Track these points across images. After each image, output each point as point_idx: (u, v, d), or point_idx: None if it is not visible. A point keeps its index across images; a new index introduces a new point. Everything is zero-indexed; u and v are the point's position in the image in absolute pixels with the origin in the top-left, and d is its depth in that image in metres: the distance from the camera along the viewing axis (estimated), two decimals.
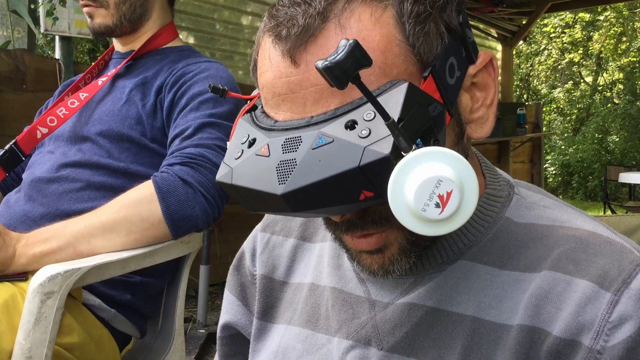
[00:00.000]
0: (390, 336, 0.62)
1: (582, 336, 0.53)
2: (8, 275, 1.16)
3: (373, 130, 0.47)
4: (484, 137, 0.59)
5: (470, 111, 0.58)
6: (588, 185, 10.98)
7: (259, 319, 0.75)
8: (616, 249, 0.56)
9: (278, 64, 0.53)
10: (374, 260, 0.59)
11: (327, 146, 0.48)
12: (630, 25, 12.34)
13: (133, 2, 1.43)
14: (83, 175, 1.32)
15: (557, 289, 0.55)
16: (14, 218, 1.31)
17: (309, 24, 0.52)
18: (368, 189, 0.48)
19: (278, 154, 0.51)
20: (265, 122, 0.55)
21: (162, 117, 1.36)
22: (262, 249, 0.77)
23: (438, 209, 0.45)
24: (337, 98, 0.51)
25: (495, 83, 0.59)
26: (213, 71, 1.39)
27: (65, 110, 1.39)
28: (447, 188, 0.45)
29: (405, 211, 0.46)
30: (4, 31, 3.52)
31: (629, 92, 11.73)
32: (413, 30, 0.52)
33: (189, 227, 1.21)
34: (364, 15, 0.52)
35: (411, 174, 0.46)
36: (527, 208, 0.63)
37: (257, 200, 0.53)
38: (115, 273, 1.18)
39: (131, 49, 1.50)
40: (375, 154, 0.47)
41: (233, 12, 4.55)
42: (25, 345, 1.05)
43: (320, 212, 0.52)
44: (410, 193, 0.45)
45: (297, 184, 0.49)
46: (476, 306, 0.58)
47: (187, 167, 1.22)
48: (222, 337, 0.82)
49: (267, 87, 0.55)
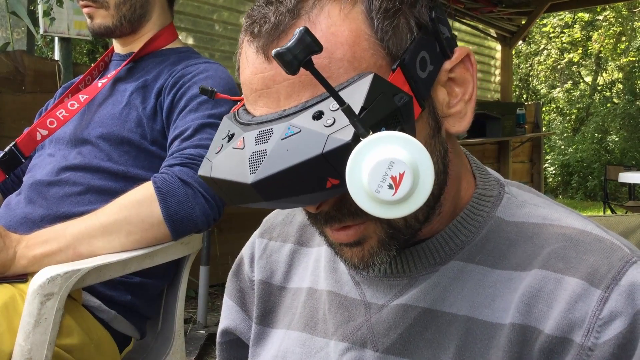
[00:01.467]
0: (385, 338, 0.62)
1: (574, 333, 0.53)
2: (8, 277, 1.16)
3: (337, 120, 0.49)
4: (462, 132, 0.60)
5: (447, 106, 0.59)
6: (588, 185, 10.99)
7: (258, 324, 0.75)
8: (606, 246, 0.57)
9: (253, 61, 0.55)
10: (354, 253, 0.59)
11: (295, 136, 0.50)
12: (629, 24, 12.34)
13: (133, 3, 1.43)
14: (83, 178, 1.32)
15: (548, 287, 0.56)
16: (14, 220, 1.31)
17: (280, 20, 0.54)
18: (333, 177, 0.50)
19: (251, 145, 0.53)
20: (244, 118, 0.57)
21: (162, 119, 1.36)
22: (260, 255, 0.78)
23: (391, 191, 0.47)
24: (308, 91, 0.52)
25: (473, 79, 0.60)
26: (212, 72, 1.39)
27: (65, 112, 1.39)
28: (400, 169, 0.46)
29: (361, 193, 0.48)
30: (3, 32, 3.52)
31: (629, 92, 11.74)
32: (382, 24, 0.54)
33: (189, 228, 1.21)
34: (333, 12, 0.54)
35: (367, 158, 0.47)
36: (517, 207, 0.63)
37: (233, 192, 0.55)
38: (115, 274, 1.18)
39: (131, 50, 1.50)
40: (337, 141, 0.48)
41: (232, 13, 4.55)
42: (25, 347, 1.05)
43: (292, 200, 0.53)
44: (365, 175, 0.47)
45: (266, 172, 0.50)
46: (469, 306, 0.59)
47: (187, 167, 1.22)
48: (221, 343, 0.83)
49: (246, 84, 0.57)
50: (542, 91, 13.43)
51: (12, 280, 1.16)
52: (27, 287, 1.10)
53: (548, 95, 13.21)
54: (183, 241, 1.27)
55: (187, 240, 1.29)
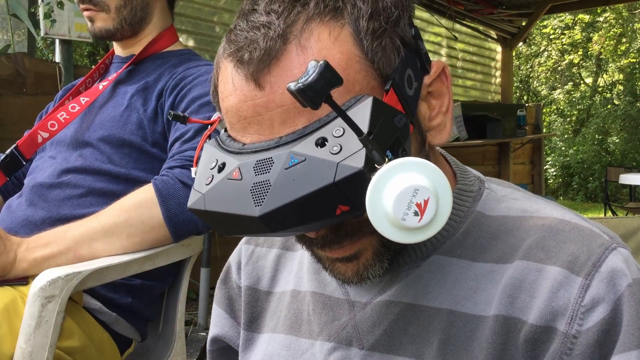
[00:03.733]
0: (369, 335, 0.63)
1: (557, 322, 0.54)
2: (9, 279, 1.16)
3: (344, 146, 0.48)
4: (443, 143, 0.61)
5: (428, 119, 0.60)
6: (588, 187, 10.97)
7: (246, 329, 0.76)
8: (585, 234, 0.57)
9: (242, 88, 0.54)
10: (348, 268, 0.59)
11: (300, 165, 0.49)
12: (629, 26, 12.34)
13: (134, 5, 1.43)
14: (84, 181, 1.32)
15: (530, 277, 0.56)
16: (15, 222, 1.31)
17: (271, 46, 0.52)
18: (344, 204, 0.49)
19: (250, 176, 0.51)
20: (233, 146, 0.55)
21: (163, 121, 1.36)
22: (247, 261, 0.78)
23: (417, 217, 0.47)
24: (304, 117, 0.52)
25: (449, 90, 0.61)
26: None
27: (66, 115, 1.39)
28: (424, 196, 0.47)
29: (384, 222, 0.48)
30: (4, 35, 3.52)
31: (629, 93, 11.73)
32: (371, 46, 0.54)
33: (189, 230, 1.22)
34: (323, 35, 0.53)
35: (388, 186, 0.47)
36: (497, 201, 0.64)
37: (231, 224, 0.53)
38: (116, 276, 1.18)
39: (132, 52, 1.50)
40: (348, 169, 0.47)
41: (233, 15, 4.53)
42: (26, 349, 1.05)
43: (299, 229, 0.53)
44: (389, 204, 0.47)
45: (274, 204, 0.49)
46: (451, 299, 0.60)
47: (187, 169, 1.22)
48: (211, 351, 0.83)
49: (232, 111, 0.55)
50: (543, 93, 13.42)
51: (13, 283, 1.16)
52: (28, 289, 1.10)
53: (548, 97, 13.20)
54: (184, 243, 1.27)
55: (188, 242, 1.29)
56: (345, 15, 0.54)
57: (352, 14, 0.54)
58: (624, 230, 0.86)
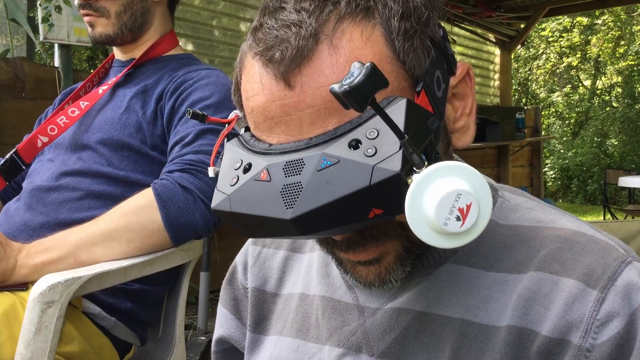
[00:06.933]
0: (380, 342, 0.62)
1: (571, 335, 0.53)
2: (9, 285, 1.16)
3: (379, 149, 0.47)
4: (467, 146, 0.60)
5: (453, 121, 0.59)
6: (587, 189, 10.99)
7: (252, 331, 0.75)
8: (601, 247, 0.57)
9: (271, 87, 0.52)
10: (370, 271, 0.59)
11: (333, 167, 0.48)
12: (628, 29, 12.37)
13: (134, 11, 1.44)
14: (83, 184, 1.31)
15: (545, 289, 0.56)
16: (13, 227, 1.31)
17: (303, 46, 0.51)
18: (378, 207, 0.48)
19: (280, 178, 0.49)
20: (259, 146, 0.53)
21: (163, 124, 1.36)
22: (254, 262, 0.78)
23: (459, 222, 0.46)
24: (334, 118, 0.50)
25: (472, 92, 0.60)
26: (213, 78, 1.39)
27: (65, 119, 1.39)
28: (467, 201, 0.46)
29: (424, 226, 0.47)
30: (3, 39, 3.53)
31: (628, 96, 11.75)
32: (403, 46, 0.53)
33: (189, 234, 1.21)
34: (355, 35, 0.52)
35: (428, 190, 0.46)
36: (511, 210, 0.64)
37: (258, 226, 0.52)
38: (116, 281, 1.18)
39: (132, 57, 1.50)
40: (385, 172, 0.46)
41: (232, 19, 4.55)
42: (26, 355, 1.04)
43: (330, 232, 0.51)
44: (430, 209, 0.46)
45: (306, 207, 0.48)
46: (464, 308, 0.59)
47: (187, 173, 1.22)
48: (216, 352, 0.82)
49: (258, 111, 0.54)
50: (541, 95, 13.45)
51: (12, 288, 1.15)
52: (27, 295, 1.10)
53: (547, 100, 13.22)
54: (184, 247, 1.27)
55: (188, 246, 1.29)
56: (377, 15, 0.53)
57: (383, 14, 0.53)
58: (624, 234, 0.86)
